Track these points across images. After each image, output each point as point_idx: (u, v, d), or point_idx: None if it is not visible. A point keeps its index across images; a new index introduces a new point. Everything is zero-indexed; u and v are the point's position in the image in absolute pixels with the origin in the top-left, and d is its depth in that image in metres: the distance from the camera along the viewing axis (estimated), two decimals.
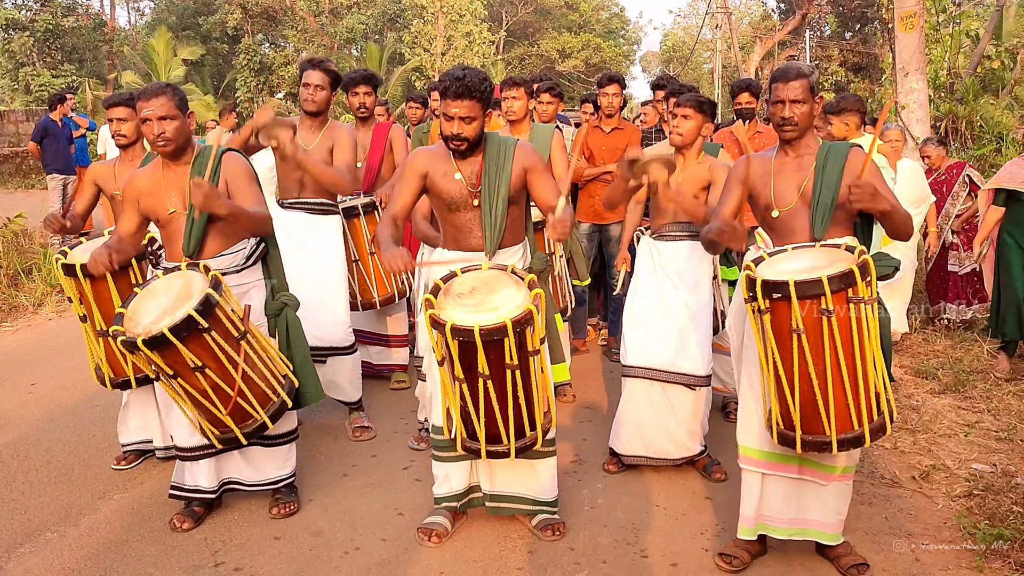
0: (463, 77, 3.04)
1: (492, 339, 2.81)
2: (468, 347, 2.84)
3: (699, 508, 3.64)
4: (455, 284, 3.04)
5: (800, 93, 2.95)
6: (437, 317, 2.86)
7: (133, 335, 2.89)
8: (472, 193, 3.21)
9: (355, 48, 30.52)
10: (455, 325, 2.81)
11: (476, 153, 3.22)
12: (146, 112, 3.19)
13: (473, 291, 2.98)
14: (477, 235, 3.25)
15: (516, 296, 2.92)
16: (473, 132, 3.12)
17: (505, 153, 3.22)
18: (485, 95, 3.09)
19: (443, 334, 2.83)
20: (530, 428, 3.07)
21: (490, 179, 3.19)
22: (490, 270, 3.09)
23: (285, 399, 3.26)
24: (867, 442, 2.77)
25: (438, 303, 2.95)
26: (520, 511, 3.41)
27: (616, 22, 40.63)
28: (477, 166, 3.22)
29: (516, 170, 3.22)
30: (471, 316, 2.84)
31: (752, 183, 3.11)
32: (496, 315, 2.83)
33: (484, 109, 3.12)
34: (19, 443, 4.39)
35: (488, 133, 3.26)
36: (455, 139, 3.12)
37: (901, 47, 9.29)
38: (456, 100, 3.05)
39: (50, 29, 24.56)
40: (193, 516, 3.41)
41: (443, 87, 3.08)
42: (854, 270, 2.64)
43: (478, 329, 2.78)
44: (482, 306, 2.89)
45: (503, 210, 3.20)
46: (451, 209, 3.25)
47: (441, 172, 3.23)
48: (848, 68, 24.25)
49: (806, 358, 2.71)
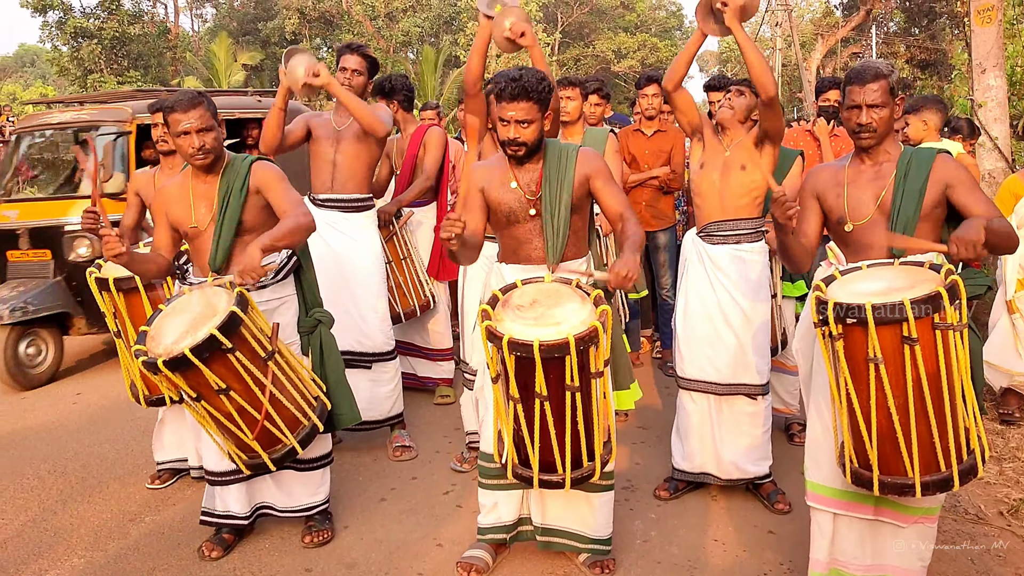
0: (519, 77, 2.84)
1: (552, 356, 2.56)
2: (526, 364, 2.60)
3: (762, 544, 3.36)
4: (515, 295, 2.81)
5: (879, 96, 2.65)
6: (494, 329, 2.63)
7: (154, 355, 2.74)
8: (531, 202, 2.99)
9: (411, 51, 30.65)
10: (513, 339, 2.57)
11: (535, 160, 3.01)
12: (185, 124, 3.02)
13: (534, 303, 2.74)
14: (538, 247, 3.03)
15: (580, 312, 2.67)
16: (531, 136, 2.90)
17: (567, 159, 2.99)
18: (544, 96, 2.88)
19: (499, 348, 2.61)
20: (588, 458, 2.81)
21: (551, 187, 2.98)
22: (553, 283, 2.86)
23: (316, 423, 3.08)
24: (956, 485, 2.45)
25: (495, 314, 2.73)
26: (571, 548, 3.17)
27: (673, 21, 40.05)
28: (536, 174, 3.01)
29: (579, 177, 2.98)
30: (531, 330, 2.61)
31: (822, 194, 2.82)
32: (558, 330, 2.59)
33: (543, 111, 2.91)
34: (57, 457, 4.32)
35: (549, 139, 3.04)
36: (512, 144, 2.91)
37: (978, 42, 8.76)
38: (512, 102, 2.84)
39: (117, 37, 25.21)
40: (223, 544, 3.25)
41: (498, 89, 2.87)
42: (941, 292, 2.33)
43: (538, 344, 2.54)
44: (543, 320, 2.65)
45: (565, 219, 2.98)
46: (509, 221, 3.03)
47: (498, 183, 3.02)
48: (915, 65, 23.37)
49: (884, 390, 2.41)
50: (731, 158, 3.61)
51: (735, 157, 3.60)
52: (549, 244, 2.99)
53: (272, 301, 3.19)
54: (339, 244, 4.18)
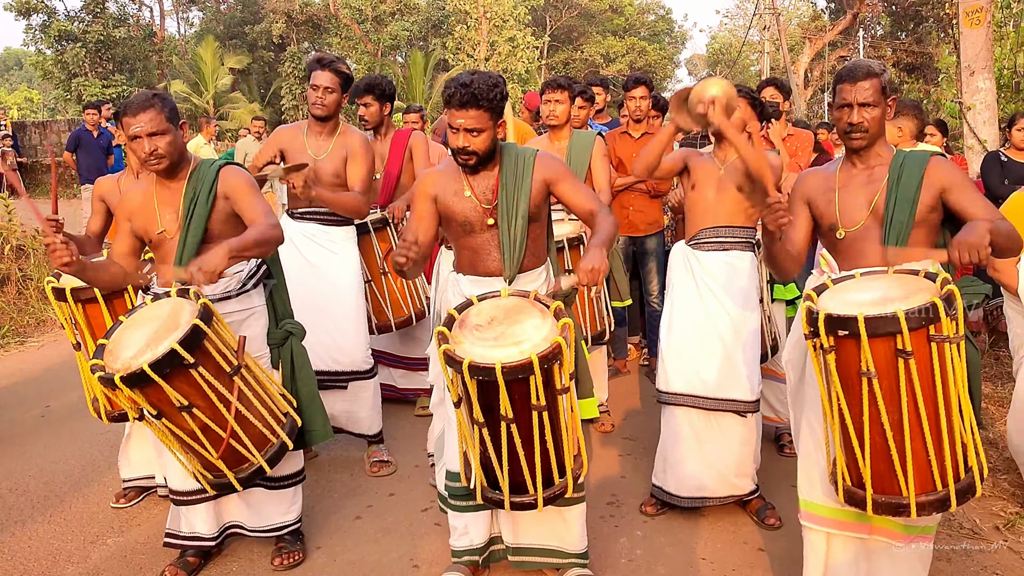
0: (470, 83, 2.69)
1: (516, 378, 2.43)
2: (489, 387, 2.47)
3: (751, 562, 3.23)
4: (472, 314, 2.67)
5: (871, 95, 2.54)
6: (452, 353, 2.50)
7: (112, 370, 2.58)
8: (487, 212, 2.86)
9: (399, 55, 30.51)
10: (473, 363, 2.44)
11: (490, 167, 2.88)
12: (134, 128, 2.84)
13: (492, 322, 2.60)
14: (495, 258, 2.90)
15: (541, 327, 2.54)
16: (482, 145, 2.77)
17: (524, 165, 2.86)
18: (496, 104, 2.73)
19: (459, 372, 2.48)
20: (559, 475, 2.68)
21: (507, 194, 2.85)
22: (511, 297, 2.72)
23: (286, 440, 2.93)
24: (953, 505, 2.34)
25: (453, 336, 2.59)
26: (547, 565, 3.04)
27: (661, 25, 40.08)
28: (492, 181, 2.87)
29: (536, 184, 2.86)
30: (491, 352, 2.47)
31: (813, 200, 2.70)
32: (519, 350, 2.46)
33: (496, 119, 2.77)
34: (21, 474, 4.15)
35: (504, 144, 2.90)
36: (462, 153, 2.78)
37: (967, 44, 8.71)
38: (461, 109, 2.71)
39: (102, 40, 25.00)
40: (187, 568, 3.09)
41: (447, 94, 2.74)
42: (937, 303, 2.21)
43: (500, 367, 2.41)
44: (503, 339, 2.51)
45: (522, 229, 2.85)
46: (465, 231, 2.90)
47: (451, 191, 2.89)
48: (902, 68, 23.39)
49: (878, 406, 2.29)
50: (726, 177, 3.49)
51: (731, 176, 3.47)
52: (506, 255, 2.87)
53: (240, 312, 3.05)
54: (316, 257, 4.02)
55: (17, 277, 8.09)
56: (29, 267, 8.28)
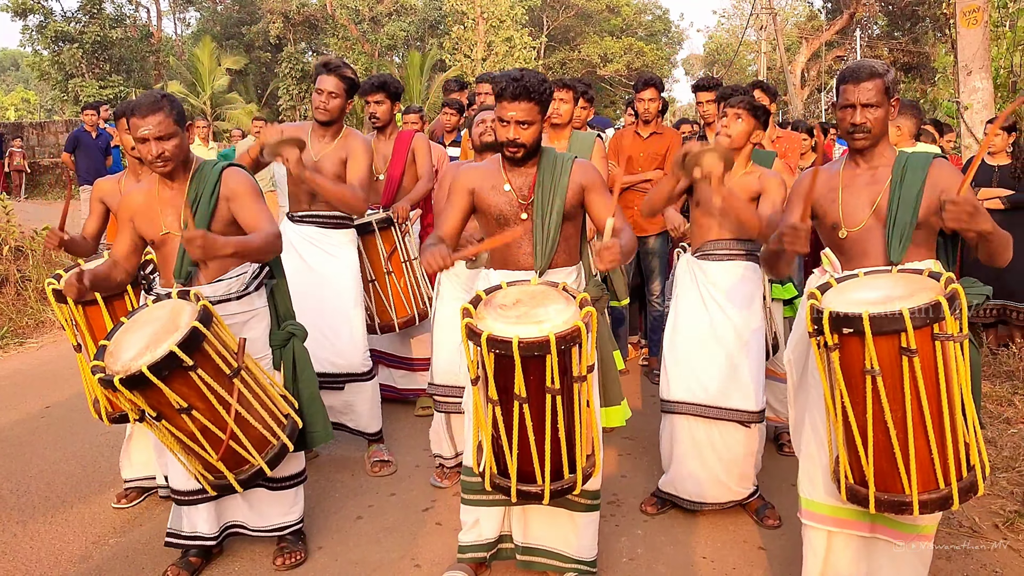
0: (521, 77, 2.77)
1: (532, 355, 2.45)
2: (505, 362, 2.48)
3: (751, 561, 3.23)
4: (498, 295, 2.70)
5: (874, 96, 2.55)
6: (473, 326, 2.52)
7: (112, 372, 2.58)
8: (522, 206, 2.92)
9: (396, 55, 30.51)
10: (492, 335, 2.46)
11: (530, 164, 2.94)
12: (143, 131, 2.85)
13: (517, 303, 2.63)
14: (527, 251, 2.94)
15: (564, 312, 2.55)
16: (530, 138, 2.84)
17: (562, 167, 2.94)
18: (545, 98, 2.82)
19: (478, 345, 2.49)
20: (569, 470, 2.67)
21: (544, 191, 2.91)
22: (539, 285, 2.76)
23: (286, 442, 2.92)
24: (955, 504, 2.34)
25: (477, 313, 2.61)
26: (552, 567, 3.03)
27: (658, 25, 40.11)
28: (530, 178, 2.94)
29: (573, 186, 2.93)
30: (511, 328, 2.49)
31: (816, 199, 2.70)
32: (539, 328, 2.48)
33: (543, 114, 2.85)
34: (21, 475, 4.14)
35: (544, 146, 2.97)
36: (511, 145, 2.84)
37: (964, 44, 8.71)
38: (514, 102, 2.78)
39: (98, 41, 24.92)
40: (189, 568, 3.09)
41: (499, 88, 2.80)
42: (941, 302, 2.22)
43: (517, 341, 2.42)
44: (525, 319, 2.53)
45: (556, 225, 2.90)
46: (499, 224, 2.95)
47: (489, 185, 2.95)
48: (898, 68, 23.43)
49: (882, 404, 2.30)
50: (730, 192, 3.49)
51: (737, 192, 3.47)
52: (538, 249, 2.91)
53: (242, 314, 3.04)
54: (315, 259, 4.02)
55: (16, 278, 8.08)
56: (28, 268, 8.27)
